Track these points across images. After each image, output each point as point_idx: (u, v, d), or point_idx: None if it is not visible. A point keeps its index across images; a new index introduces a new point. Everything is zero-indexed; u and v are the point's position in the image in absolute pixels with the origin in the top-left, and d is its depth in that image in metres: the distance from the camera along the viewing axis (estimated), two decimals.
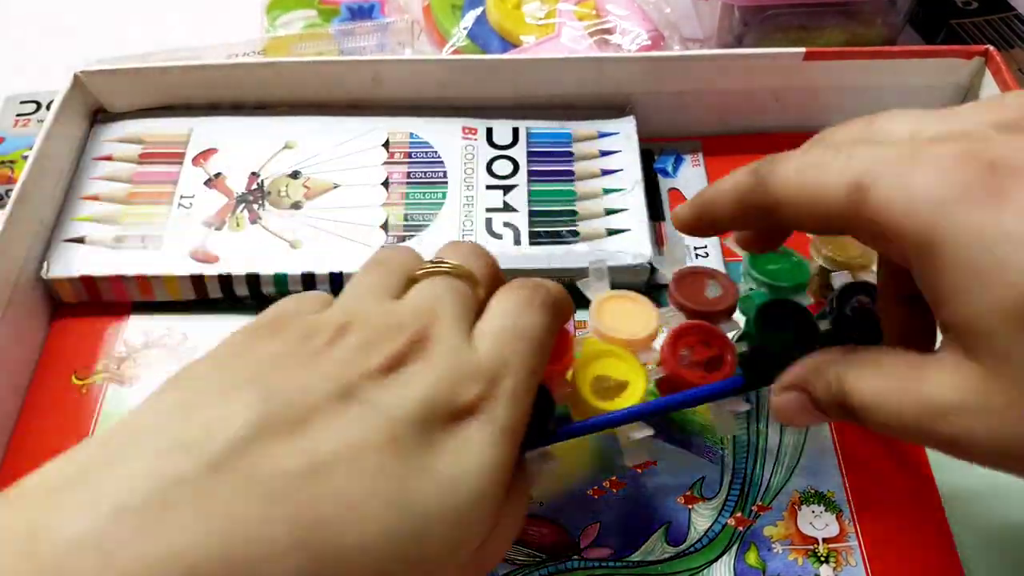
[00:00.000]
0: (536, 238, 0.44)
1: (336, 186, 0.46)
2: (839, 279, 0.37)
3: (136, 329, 0.44)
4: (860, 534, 0.37)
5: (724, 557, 0.37)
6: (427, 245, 0.44)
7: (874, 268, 0.37)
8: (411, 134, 0.48)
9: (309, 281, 0.43)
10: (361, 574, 0.23)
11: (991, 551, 0.37)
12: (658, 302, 0.44)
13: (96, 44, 0.60)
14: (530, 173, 0.47)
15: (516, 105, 0.49)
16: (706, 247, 0.47)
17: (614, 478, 0.39)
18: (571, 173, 0.47)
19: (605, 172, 0.47)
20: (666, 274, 0.37)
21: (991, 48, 0.48)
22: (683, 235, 0.33)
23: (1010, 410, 0.23)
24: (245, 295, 0.44)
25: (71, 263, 0.43)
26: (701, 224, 0.32)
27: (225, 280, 0.43)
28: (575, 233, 0.44)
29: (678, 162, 0.51)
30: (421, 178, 0.46)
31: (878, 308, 0.33)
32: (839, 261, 0.40)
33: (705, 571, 0.37)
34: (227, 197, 0.46)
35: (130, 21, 0.65)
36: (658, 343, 0.35)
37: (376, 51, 0.59)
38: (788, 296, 0.37)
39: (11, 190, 0.42)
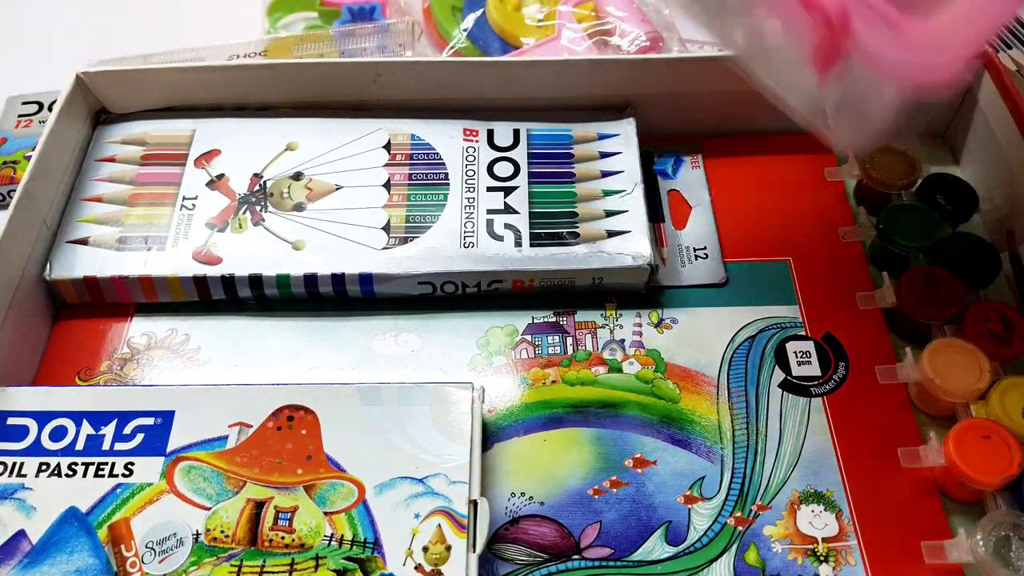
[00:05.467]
0: (537, 240, 0.44)
1: (338, 187, 0.46)
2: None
3: (139, 330, 0.44)
4: (860, 534, 0.38)
5: (724, 557, 0.37)
6: (428, 247, 0.44)
7: (919, 182, 0.47)
8: (412, 135, 0.48)
9: (311, 282, 0.43)
10: None
11: None
12: (659, 303, 0.44)
13: (98, 45, 0.60)
14: (531, 175, 0.47)
15: (517, 107, 0.50)
16: (705, 248, 0.47)
17: (614, 478, 0.39)
18: (572, 175, 0.47)
19: (605, 174, 0.47)
20: None
21: (990, 51, 0.48)
22: (681, 237, 0.34)
23: None
24: (248, 296, 0.44)
25: (74, 264, 0.44)
26: None
27: (228, 281, 0.43)
28: (576, 235, 0.45)
29: (678, 163, 0.51)
30: (422, 180, 0.47)
31: None
32: (887, 182, 0.47)
33: (705, 571, 0.37)
34: (229, 199, 0.46)
35: (131, 22, 0.65)
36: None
37: (376, 53, 0.59)
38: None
39: (14, 191, 0.42)
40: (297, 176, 0.47)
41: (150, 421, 0.38)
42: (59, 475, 0.37)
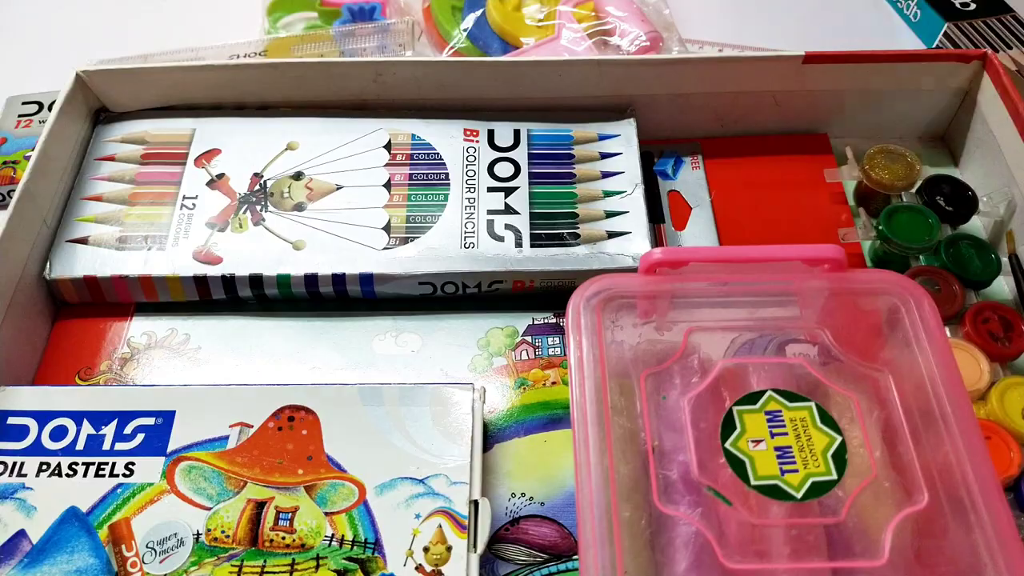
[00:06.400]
0: (537, 240, 0.44)
1: (339, 187, 0.46)
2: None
3: (139, 330, 0.44)
4: None
5: None
6: (429, 248, 0.44)
7: (918, 183, 0.48)
8: (413, 135, 0.48)
9: (312, 282, 0.43)
10: None
11: None
12: None
13: (97, 45, 0.60)
14: (531, 175, 0.47)
15: (517, 107, 0.50)
16: None
17: None
18: (572, 175, 0.47)
19: (605, 174, 0.47)
20: None
21: (989, 52, 0.48)
22: (682, 237, 0.34)
23: None
24: (248, 296, 0.44)
25: (74, 264, 0.43)
26: None
27: (228, 281, 0.43)
28: (576, 235, 0.45)
29: (678, 164, 0.51)
30: (423, 180, 0.47)
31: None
32: (886, 183, 0.47)
33: None
34: (230, 198, 0.46)
35: (131, 22, 0.65)
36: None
37: (376, 52, 0.59)
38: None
39: (14, 191, 0.42)
40: (297, 176, 0.47)
41: (151, 421, 0.38)
42: (59, 475, 0.37)
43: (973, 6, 0.63)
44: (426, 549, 0.35)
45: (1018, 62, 0.59)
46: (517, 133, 0.49)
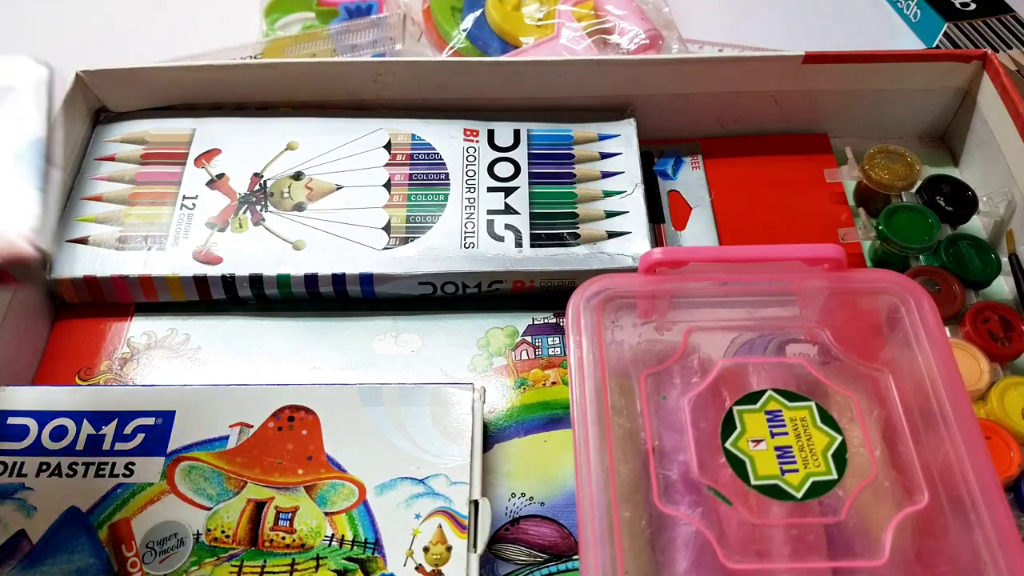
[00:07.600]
0: (538, 240, 0.44)
1: (339, 187, 0.46)
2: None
3: (139, 330, 0.44)
4: None
5: None
6: (429, 248, 0.44)
7: (918, 183, 0.48)
8: (413, 135, 0.48)
9: (312, 282, 0.43)
10: None
11: None
12: None
13: (97, 46, 0.60)
14: (531, 175, 0.47)
15: (517, 107, 0.50)
16: None
17: None
18: (572, 175, 0.47)
19: (605, 174, 0.47)
20: None
21: (989, 52, 0.48)
22: (682, 237, 0.34)
23: None
24: (248, 296, 0.44)
25: (74, 264, 0.43)
26: None
27: (228, 281, 0.43)
28: (576, 235, 0.45)
29: (678, 164, 0.51)
30: (423, 180, 0.47)
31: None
32: (886, 183, 0.47)
33: None
34: (230, 198, 0.46)
35: (130, 24, 0.65)
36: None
37: (370, 46, 0.59)
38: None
39: None
40: (297, 176, 0.47)
41: (151, 421, 0.38)
42: (59, 475, 0.37)
43: (973, 6, 0.63)
44: (426, 549, 0.35)
45: (1018, 62, 0.59)
46: (517, 133, 0.49)
